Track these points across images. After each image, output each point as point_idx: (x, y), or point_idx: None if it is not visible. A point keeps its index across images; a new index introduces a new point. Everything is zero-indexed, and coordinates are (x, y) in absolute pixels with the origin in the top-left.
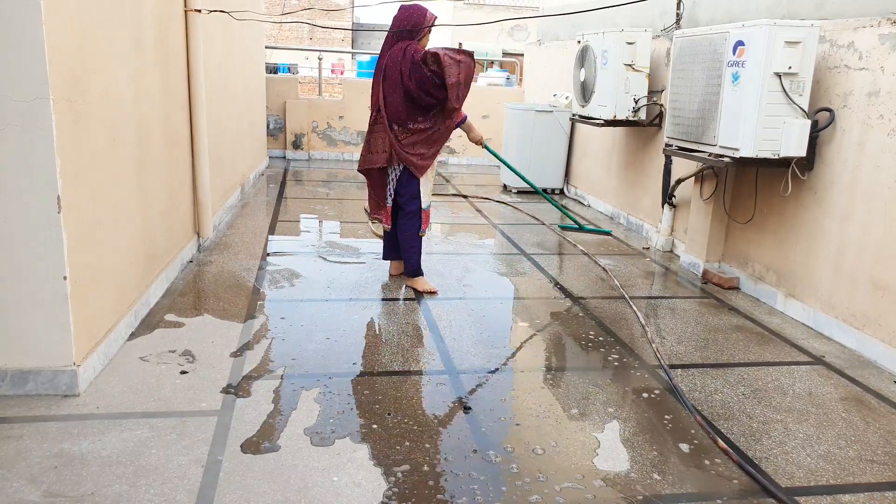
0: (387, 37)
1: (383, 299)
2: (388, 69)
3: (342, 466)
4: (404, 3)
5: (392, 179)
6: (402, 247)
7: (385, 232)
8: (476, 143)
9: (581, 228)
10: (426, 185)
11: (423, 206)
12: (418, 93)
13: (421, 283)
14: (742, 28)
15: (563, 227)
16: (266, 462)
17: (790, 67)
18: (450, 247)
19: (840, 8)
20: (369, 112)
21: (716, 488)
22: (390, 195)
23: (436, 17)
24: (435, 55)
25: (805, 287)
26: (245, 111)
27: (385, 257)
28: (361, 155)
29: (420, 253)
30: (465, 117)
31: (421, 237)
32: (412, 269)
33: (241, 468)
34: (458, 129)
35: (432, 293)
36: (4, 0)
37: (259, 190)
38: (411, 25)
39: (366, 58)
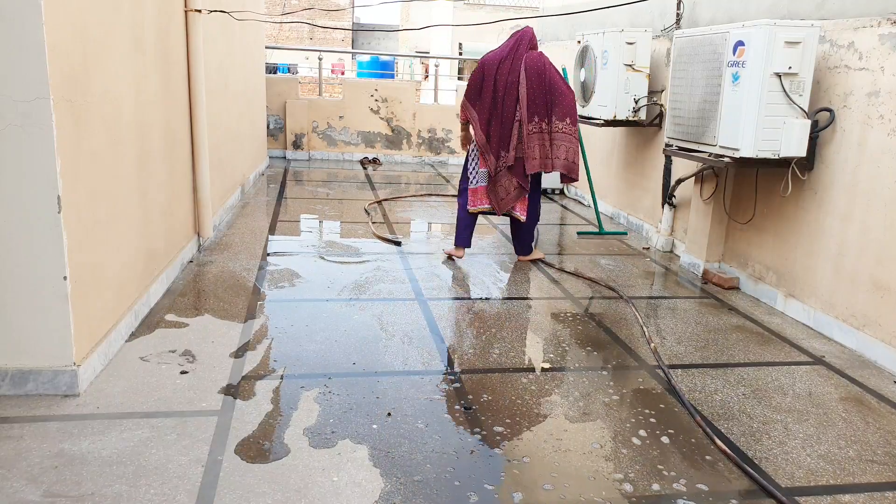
0: (507, 47)
1: (383, 299)
2: (530, 70)
3: (342, 466)
4: (526, 26)
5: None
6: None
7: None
8: None
9: (601, 232)
10: None
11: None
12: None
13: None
14: (742, 28)
15: (582, 234)
16: (266, 462)
17: (790, 67)
18: (450, 247)
19: (840, 8)
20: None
21: (716, 488)
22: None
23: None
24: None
25: (805, 287)
26: (245, 111)
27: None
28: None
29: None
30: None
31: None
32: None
33: (241, 468)
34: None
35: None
36: (4, 0)
37: (259, 190)
38: (533, 41)
39: (366, 58)
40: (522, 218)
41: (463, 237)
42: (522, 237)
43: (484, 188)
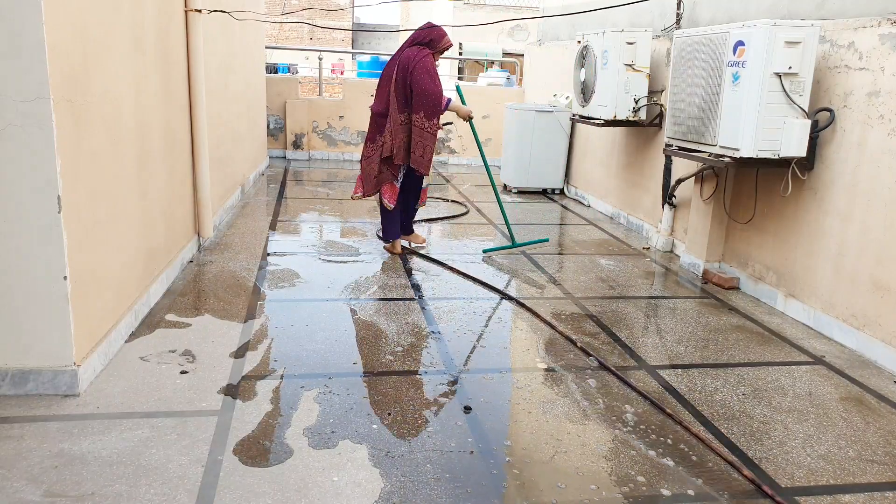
0: (403, 44)
1: (383, 299)
2: (399, 66)
3: (342, 466)
4: (431, 21)
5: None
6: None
7: (393, 209)
8: (466, 119)
9: (513, 245)
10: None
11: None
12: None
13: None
14: (742, 28)
15: (488, 252)
16: (266, 462)
17: (790, 67)
18: (451, 247)
19: (840, 8)
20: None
21: (716, 488)
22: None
23: (450, 45)
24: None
25: (805, 287)
26: (245, 111)
27: (398, 236)
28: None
29: (387, 221)
30: (448, 100)
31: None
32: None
33: (240, 468)
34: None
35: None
36: (4, 0)
37: (259, 190)
38: (429, 40)
39: (366, 58)
40: (390, 206)
41: (394, 230)
42: (409, 216)
43: (359, 177)
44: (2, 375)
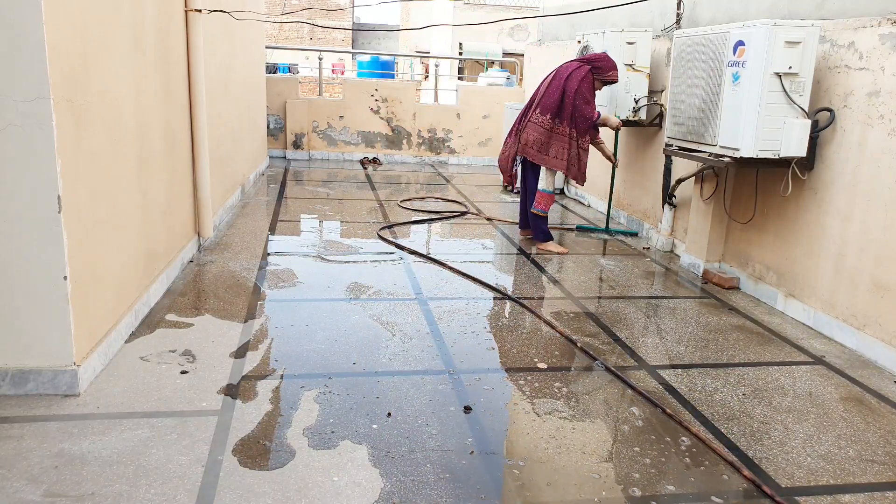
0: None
1: (383, 299)
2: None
3: (342, 466)
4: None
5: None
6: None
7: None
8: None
9: (608, 231)
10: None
11: (540, 188)
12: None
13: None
14: (742, 28)
15: (582, 228)
16: (266, 462)
17: (790, 67)
18: (451, 248)
19: (840, 8)
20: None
21: (716, 488)
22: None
23: (616, 81)
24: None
25: (805, 287)
26: (245, 111)
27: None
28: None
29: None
30: (598, 114)
31: (538, 214)
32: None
33: (240, 468)
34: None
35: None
36: (4, 0)
37: (259, 190)
38: (597, 65)
39: (366, 58)
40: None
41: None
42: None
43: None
44: (2, 375)
